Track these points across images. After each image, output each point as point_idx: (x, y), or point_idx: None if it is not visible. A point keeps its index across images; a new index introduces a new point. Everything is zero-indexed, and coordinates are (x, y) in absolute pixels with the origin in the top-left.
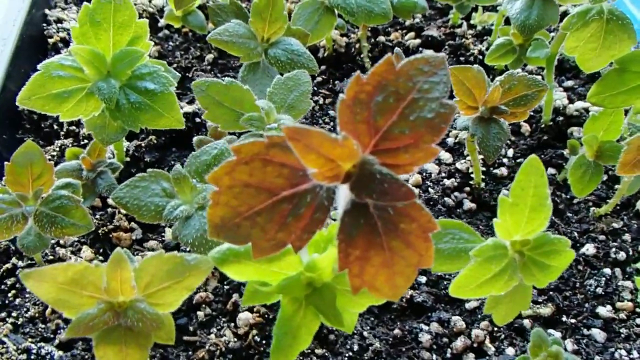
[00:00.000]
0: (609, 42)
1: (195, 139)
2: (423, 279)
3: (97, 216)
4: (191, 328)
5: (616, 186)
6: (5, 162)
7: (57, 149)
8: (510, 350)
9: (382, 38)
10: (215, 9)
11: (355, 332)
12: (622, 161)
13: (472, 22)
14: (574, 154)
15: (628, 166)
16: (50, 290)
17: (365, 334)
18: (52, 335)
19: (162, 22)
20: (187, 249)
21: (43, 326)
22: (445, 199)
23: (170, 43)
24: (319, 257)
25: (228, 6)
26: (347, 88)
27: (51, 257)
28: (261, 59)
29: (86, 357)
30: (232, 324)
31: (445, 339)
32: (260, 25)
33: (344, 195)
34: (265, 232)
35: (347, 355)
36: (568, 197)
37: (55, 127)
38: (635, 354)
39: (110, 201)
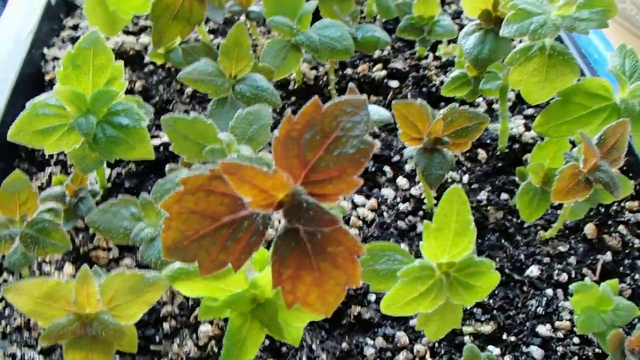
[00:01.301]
0: (551, 76)
1: (167, 167)
2: (373, 297)
3: (80, 236)
4: (157, 338)
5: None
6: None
7: (47, 176)
8: None
9: (349, 70)
10: (187, 50)
11: (305, 345)
12: (555, 189)
13: (437, 53)
14: (523, 180)
15: (561, 193)
16: (28, 303)
17: (314, 346)
18: (35, 342)
19: (147, 58)
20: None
21: (27, 334)
22: (399, 222)
23: (155, 77)
24: (259, 275)
25: (199, 47)
26: (280, 127)
27: (38, 273)
28: (229, 94)
29: None
30: (194, 336)
31: (389, 353)
32: (228, 63)
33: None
34: (209, 254)
35: None
36: (519, 221)
37: (47, 156)
38: None
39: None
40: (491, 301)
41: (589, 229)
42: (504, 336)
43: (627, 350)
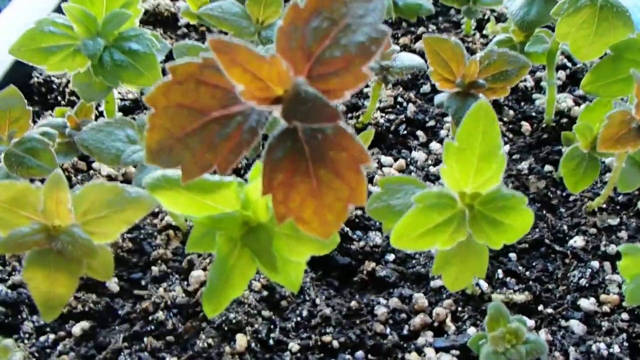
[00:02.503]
0: (602, 29)
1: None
2: (391, 257)
3: (79, 177)
4: (143, 282)
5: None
6: None
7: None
8: (471, 331)
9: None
10: None
11: (308, 300)
12: (602, 136)
13: (484, 32)
14: (569, 146)
15: (610, 142)
16: None
17: (317, 301)
18: (7, 277)
19: (181, 21)
20: None
21: (0, 268)
22: (428, 184)
23: (187, 40)
24: (249, 186)
25: None
26: (284, 15)
27: None
28: (254, 38)
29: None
30: (185, 282)
31: (403, 315)
32: (256, 7)
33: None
34: (194, 154)
35: (294, 320)
36: (564, 194)
37: (59, 98)
38: (615, 348)
39: (95, 165)
40: (528, 272)
41: None
42: (540, 308)
43: None
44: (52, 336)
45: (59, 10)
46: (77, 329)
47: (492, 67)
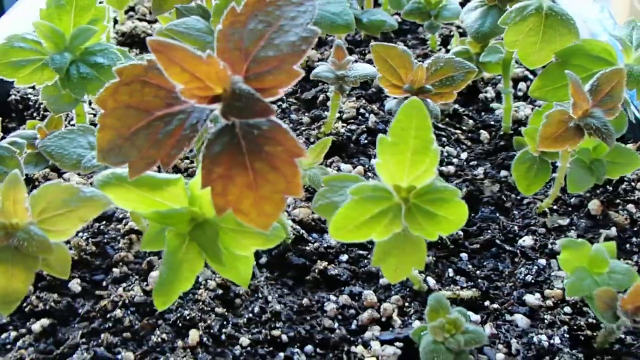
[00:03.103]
0: (548, 37)
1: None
2: (345, 257)
3: None
4: (104, 283)
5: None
6: None
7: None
8: (417, 324)
9: (354, 57)
10: (182, 10)
11: (261, 297)
12: (542, 134)
13: (449, 47)
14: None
15: (549, 140)
16: None
17: (269, 298)
18: None
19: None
20: None
21: None
22: None
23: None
24: (192, 181)
25: (195, 9)
26: (224, 18)
27: None
28: None
29: None
30: (144, 282)
31: (352, 311)
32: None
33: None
34: (140, 151)
35: (246, 316)
36: (518, 197)
37: (35, 115)
38: (556, 340)
39: (65, 175)
40: (478, 271)
41: (594, 205)
42: (487, 303)
43: (620, 311)
44: (13, 333)
45: None
46: (37, 326)
47: (439, 72)
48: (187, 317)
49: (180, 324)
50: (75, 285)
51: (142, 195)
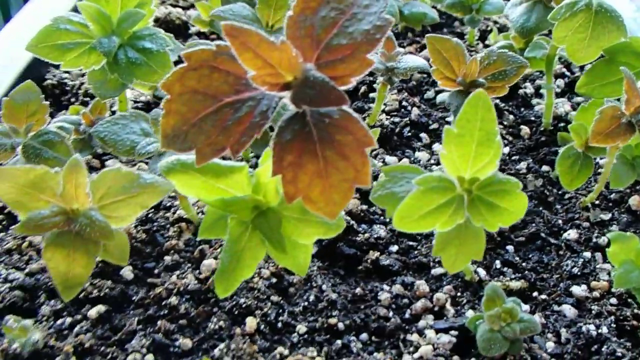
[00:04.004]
0: (597, 33)
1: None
2: (394, 248)
3: (93, 175)
4: (156, 271)
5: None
6: (4, 98)
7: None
8: (470, 314)
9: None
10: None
11: (315, 286)
12: (594, 130)
13: (487, 42)
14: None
15: (601, 136)
16: (10, 191)
17: (324, 287)
18: (24, 265)
19: (192, 29)
20: None
21: (18, 257)
22: None
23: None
24: (259, 169)
25: None
26: (294, 5)
27: None
28: None
29: (49, 283)
30: (197, 271)
31: (405, 300)
32: (266, 11)
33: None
34: (208, 137)
35: (302, 305)
36: (560, 192)
37: (73, 100)
38: (604, 330)
39: (108, 162)
40: (524, 263)
41: (634, 201)
42: (535, 294)
43: None
44: (69, 319)
45: (75, 11)
46: (94, 312)
47: (491, 66)
48: (243, 305)
49: (236, 312)
50: (127, 272)
51: (206, 182)
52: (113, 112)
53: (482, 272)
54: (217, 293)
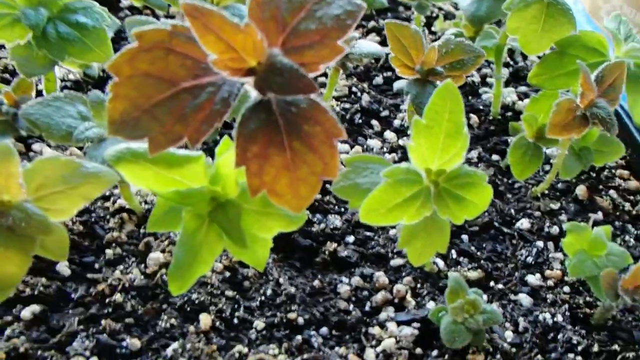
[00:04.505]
0: (549, 25)
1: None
2: (351, 239)
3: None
4: (97, 266)
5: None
6: None
7: None
8: (431, 305)
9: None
10: None
11: (271, 279)
12: (551, 122)
13: (433, 29)
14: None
15: (557, 128)
16: None
17: (281, 281)
18: None
19: (124, 2)
20: None
21: None
22: None
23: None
24: (220, 159)
25: None
26: None
27: None
28: None
29: None
30: (142, 265)
31: (365, 292)
32: None
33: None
34: (163, 125)
35: (259, 299)
36: (510, 181)
37: None
38: (559, 318)
39: (35, 147)
40: (479, 252)
41: (581, 191)
42: (492, 284)
43: (621, 290)
44: None
45: None
46: (27, 312)
47: (449, 55)
48: (196, 301)
49: (188, 309)
50: (63, 268)
51: (159, 173)
52: (39, 92)
53: (440, 263)
54: (171, 291)
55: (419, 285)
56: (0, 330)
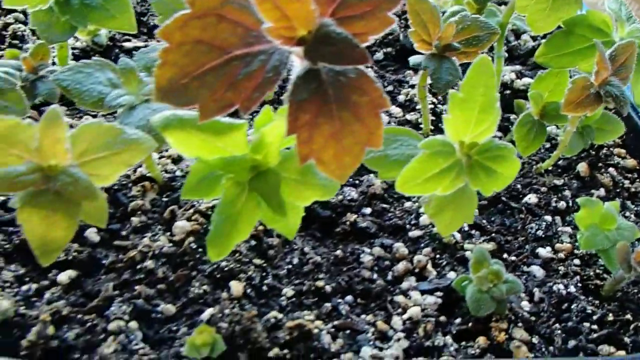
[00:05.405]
0: (557, 5)
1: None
2: (368, 210)
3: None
4: (124, 233)
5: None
6: None
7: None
8: (451, 275)
9: None
10: None
11: (296, 248)
12: (567, 99)
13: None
14: (520, 113)
15: (572, 105)
16: None
17: (306, 249)
18: None
19: None
20: None
21: None
22: None
23: None
24: (264, 128)
25: None
26: None
27: None
28: None
29: (5, 246)
30: (168, 233)
31: (387, 262)
32: None
33: (298, 64)
34: (214, 92)
35: (286, 267)
36: None
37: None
38: (572, 289)
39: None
40: (489, 226)
41: (582, 168)
42: (505, 256)
43: (634, 263)
44: (34, 285)
45: None
46: (64, 277)
47: (465, 31)
48: (225, 269)
49: (218, 276)
50: (92, 234)
51: (205, 140)
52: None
53: (457, 235)
54: (210, 257)
55: (437, 256)
56: (37, 293)
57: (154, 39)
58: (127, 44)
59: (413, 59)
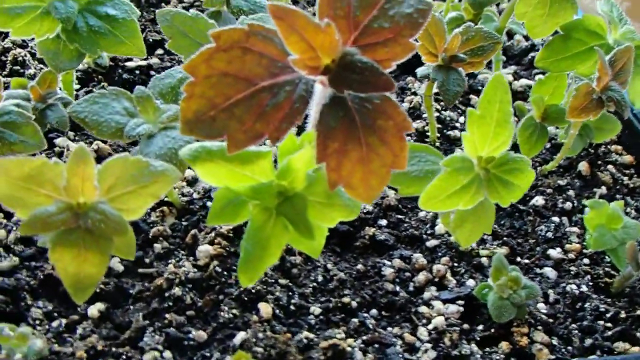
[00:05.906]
0: (554, 10)
1: None
2: (384, 222)
3: (42, 155)
4: (147, 260)
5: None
6: None
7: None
8: (470, 282)
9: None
10: None
11: (318, 264)
12: (571, 106)
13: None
14: (521, 116)
15: (576, 111)
16: (2, 186)
17: (329, 266)
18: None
19: None
20: None
21: None
22: None
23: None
24: (292, 156)
25: None
26: None
27: None
28: (223, 7)
29: (31, 282)
30: (192, 257)
31: (407, 273)
32: None
33: (321, 92)
34: (242, 124)
35: (311, 285)
36: None
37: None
38: (584, 288)
39: (57, 141)
40: (500, 230)
41: (583, 167)
42: (518, 259)
43: None
44: (64, 320)
45: None
46: (94, 310)
47: (470, 42)
48: (253, 291)
49: (245, 298)
50: (116, 264)
51: (232, 170)
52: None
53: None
54: (242, 283)
55: (455, 264)
56: (68, 329)
57: (155, 57)
58: (129, 64)
59: (420, 71)
